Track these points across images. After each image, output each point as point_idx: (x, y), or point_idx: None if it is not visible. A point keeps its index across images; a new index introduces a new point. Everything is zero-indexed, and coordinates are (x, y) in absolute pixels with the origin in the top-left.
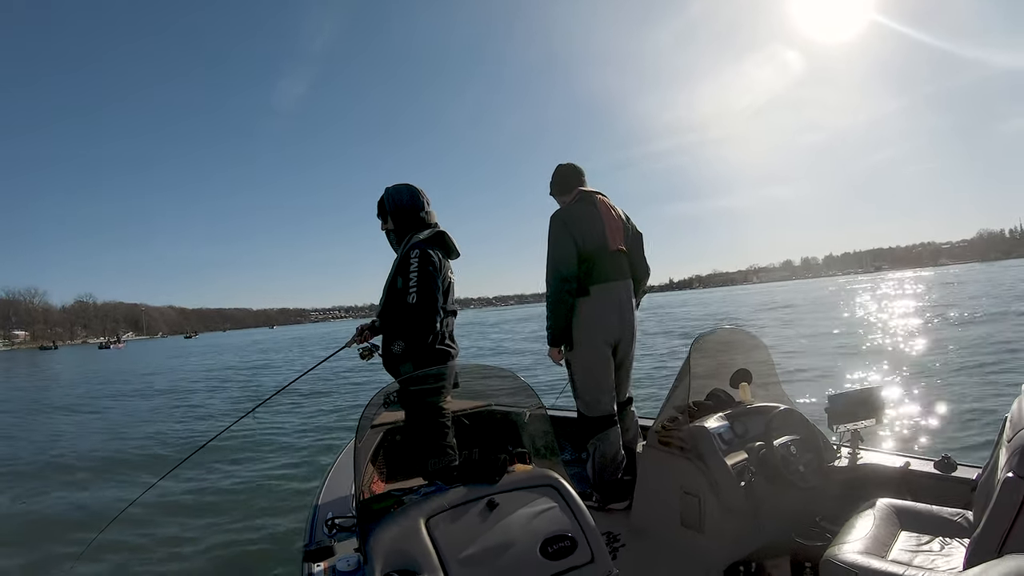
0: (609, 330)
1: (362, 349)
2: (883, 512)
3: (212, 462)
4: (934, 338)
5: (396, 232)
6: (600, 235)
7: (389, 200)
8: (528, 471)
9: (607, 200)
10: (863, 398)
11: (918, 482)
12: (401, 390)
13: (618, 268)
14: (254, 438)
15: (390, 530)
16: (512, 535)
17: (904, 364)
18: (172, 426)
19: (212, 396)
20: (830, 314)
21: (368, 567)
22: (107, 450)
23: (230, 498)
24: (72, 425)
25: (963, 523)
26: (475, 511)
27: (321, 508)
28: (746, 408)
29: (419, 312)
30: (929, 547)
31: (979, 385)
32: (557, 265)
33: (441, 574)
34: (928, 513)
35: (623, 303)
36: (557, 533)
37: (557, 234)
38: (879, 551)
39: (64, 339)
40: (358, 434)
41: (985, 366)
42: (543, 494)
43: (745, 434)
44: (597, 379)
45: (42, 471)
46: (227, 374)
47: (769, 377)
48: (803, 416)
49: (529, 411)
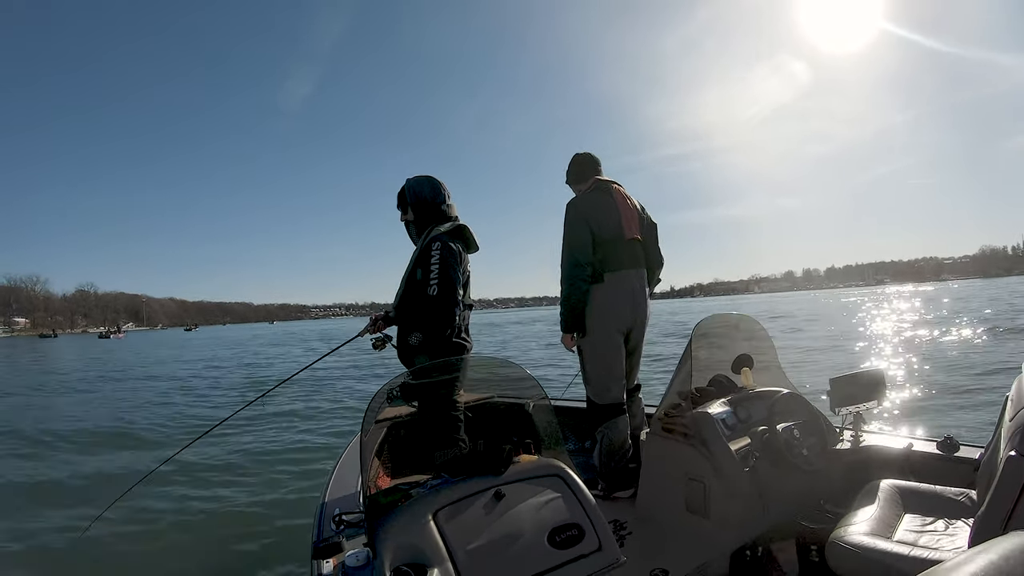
0: (622, 318)
1: (375, 339)
2: (887, 493)
3: (217, 458)
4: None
5: (416, 224)
6: (616, 224)
7: (410, 192)
8: (534, 461)
9: (622, 190)
10: (864, 380)
11: (921, 463)
12: (410, 383)
13: (633, 257)
14: (260, 433)
15: (398, 524)
16: (520, 525)
17: (904, 348)
18: (173, 415)
19: (212, 389)
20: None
21: (377, 562)
22: (109, 432)
23: (237, 495)
24: (75, 406)
25: (967, 503)
26: (482, 503)
27: (328, 504)
28: (748, 393)
29: (440, 304)
30: (933, 527)
31: (979, 366)
32: (572, 251)
33: (450, 566)
34: (932, 493)
35: (636, 292)
36: (564, 522)
37: (573, 221)
38: (884, 532)
39: (64, 328)
40: (363, 429)
41: (985, 347)
42: (549, 484)
43: (748, 419)
44: (608, 366)
45: (41, 450)
46: (224, 367)
47: (771, 362)
48: (805, 400)
49: (532, 401)
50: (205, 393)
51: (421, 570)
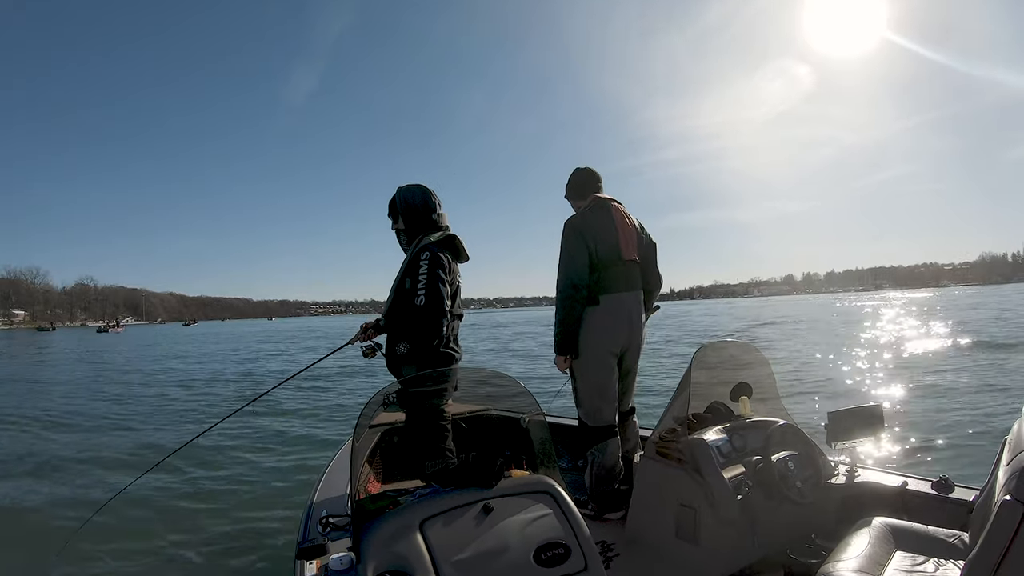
0: (616, 340)
1: (365, 347)
2: (879, 531)
3: (205, 456)
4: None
5: (407, 233)
6: (614, 244)
7: (401, 200)
8: (525, 477)
9: (622, 208)
10: (862, 415)
11: (915, 502)
12: (402, 391)
13: (630, 279)
14: (249, 433)
15: (384, 531)
16: (506, 540)
17: (904, 381)
18: (161, 420)
19: (211, 385)
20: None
21: (361, 567)
22: (89, 445)
23: (223, 493)
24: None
25: (959, 545)
26: (470, 515)
27: (316, 506)
28: (745, 422)
29: (427, 315)
30: (924, 568)
31: (980, 406)
32: (569, 272)
33: None
34: (924, 533)
35: (632, 314)
36: (551, 540)
37: (571, 241)
38: (873, 570)
39: (64, 321)
40: (356, 433)
41: (989, 387)
42: (539, 500)
43: (743, 448)
44: (600, 389)
45: (20, 462)
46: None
47: (769, 391)
48: (802, 432)
49: (527, 417)
50: (186, 397)
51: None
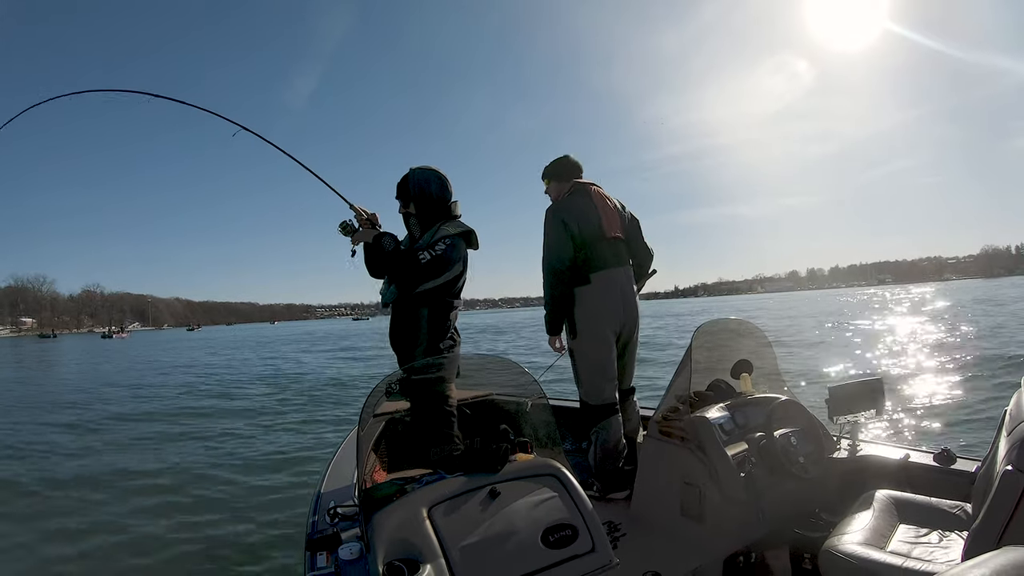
0: (613, 317)
1: (345, 224)
2: (882, 504)
3: (214, 449)
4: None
5: (419, 219)
6: (596, 224)
7: (415, 184)
8: (530, 460)
9: (601, 190)
10: (863, 390)
11: (917, 474)
12: (405, 379)
13: (616, 255)
14: (257, 426)
15: (392, 519)
16: (514, 524)
17: (904, 358)
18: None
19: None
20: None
21: (371, 556)
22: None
23: (233, 485)
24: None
25: (962, 515)
26: (477, 500)
27: (324, 497)
28: (747, 399)
29: (422, 270)
30: (928, 539)
31: (980, 379)
32: (551, 255)
33: (443, 562)
34: (927, 505)
35: (625, 289)
36: (558, 522)
37: (552, 227)
38: (878, 543)
39: (71, 328)
40: (360, 423)
41: (989, 360)
42: (545, 483)
43: (746, 425)
44: (600, 367)
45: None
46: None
47: (770, 368)
48: (803, 407)
49: (531, 400)
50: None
51: (414, 565)
